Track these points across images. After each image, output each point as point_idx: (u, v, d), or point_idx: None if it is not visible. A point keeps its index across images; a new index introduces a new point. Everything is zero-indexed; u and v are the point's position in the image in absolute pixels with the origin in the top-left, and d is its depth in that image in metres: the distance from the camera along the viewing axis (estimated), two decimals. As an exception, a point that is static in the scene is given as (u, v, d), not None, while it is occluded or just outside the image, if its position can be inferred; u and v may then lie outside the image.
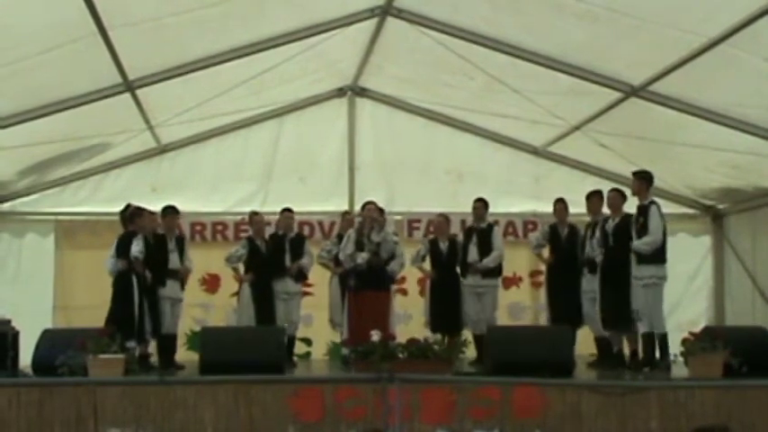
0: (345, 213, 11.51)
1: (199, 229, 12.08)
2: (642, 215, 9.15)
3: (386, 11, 9.36)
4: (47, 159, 10.82)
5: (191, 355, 10.29)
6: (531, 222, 12.31)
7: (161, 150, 12.08)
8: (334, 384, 7.33)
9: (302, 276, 10.76)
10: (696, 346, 7.82)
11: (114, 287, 9.15)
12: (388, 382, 7.05)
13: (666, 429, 7.09)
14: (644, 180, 9.32)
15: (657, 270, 9.03)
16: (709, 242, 12.63)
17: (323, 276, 11.22)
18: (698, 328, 8.36)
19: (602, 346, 9.97)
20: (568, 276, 10.30)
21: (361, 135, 12.40)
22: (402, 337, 8.22)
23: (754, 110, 8.80)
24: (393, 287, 10.33)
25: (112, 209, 10.35)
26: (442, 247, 10.81)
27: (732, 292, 12.22)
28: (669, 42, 8.03)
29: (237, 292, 10.59)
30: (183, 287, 10.20)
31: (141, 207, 9.61)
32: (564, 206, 10.63)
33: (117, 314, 8.92)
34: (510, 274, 11.96)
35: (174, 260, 9.98)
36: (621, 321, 9.31)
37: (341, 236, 10.62)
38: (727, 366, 7.70)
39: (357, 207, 11.29)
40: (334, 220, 11.85)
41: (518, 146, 12.46)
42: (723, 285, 12.41)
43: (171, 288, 9.86)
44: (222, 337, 8.46)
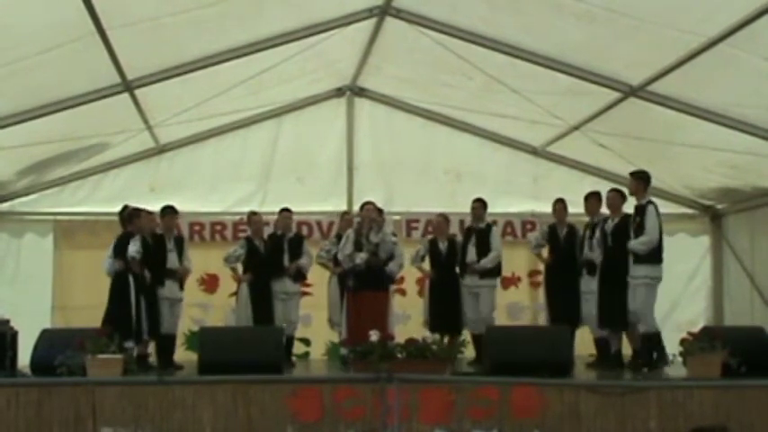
0: (344, 213, 11.51)
1: (197, 229, 12.06)
2: (639, 215, 9.15)
3: (384, 11, 9.35)
4: (45, 159, 10.81)
5: (189, 355, 10.29)
6: (530, 222, 12.31)
7: (159, 150, 12.07)
8: (332, 384, 7.33)
9: (301, 276, 10.76)
10: (695, 346, 7.83)
11: (111, 287, 9.15)
12: (386, 382, 7.05)
13: (665, 429, 7.09)
14: (641, 180, 9.31)
15: (652, 270, 9.01)
16: (708, 242, 12.63)
17: (322, 276, 11.22)
18: (696, 328, 8.35)
19: (600, 347, 9.97)
20: (567, 276, 10.31)
21: (359, 135, 12.39)
22: (401, 338, 8.21)
23: (752, 110, 8.80)
24: (392, 287, 10.33)
25: (111, 209, 10.36)
26: (442, 247, 10.81)
27: (731, 292, 12.22)
28: (668, 42, 8.02)
29: (236, 292, 10.60)
30: (182, 287, 10.22)
31: (139, 208, 9.62)
32: (563, 206, 10.64)
33: (114, 314, 8.92)
34: (509, 274, 11.96)
35: (173, 260, 10.00)
36: (617, 321, 9.32)
37: (340, 236, 10.63)
38: (726, 366, 7.70)
39: (356, 207, 11.28)
40: (333, 220, 11.85)
41: (517, 146, 12.45)
42: (722, 285, 12.41)
43: (169, 288, 9.88)
44: (221, 338, 8.46)
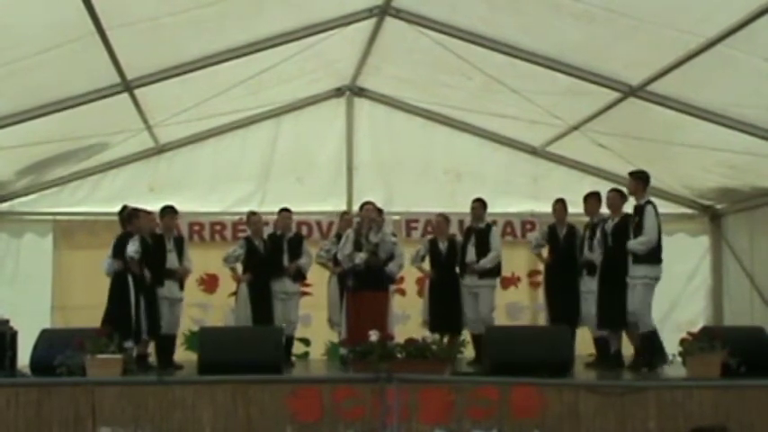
0: (344, 213, 11.51)
1: (197, 229, 12.05)
2: (638, 215, 9.14)
3: (384, 11, 9.35)
4: (45, 159, 10.81)
5: (189, 355, 10.29)
6: (530, 222, 12.31)
7: (159, 150, 12.06)
8: (332, 384, 7.32)
9: (300, 276, 10.76)
10: (694, 346, 7.83)
11: (111, 287, 9.13)
12: (386, 382, 7.04)
13: (664, 429, 7.09)
14: (640, 180, 9.30)
15: (650, 270, 9.00)
16: (707, 242, 12.63)
17: (321, 276, 11.23)
18: (696, 328, 8.36)
19: (600, 347, 9.97)
20: (567, 276, 10.31)
21: (359, 135, 12.38)
22: (400, 338, 8.21)
23: (751, 110, 8.80)
24: (391, 287, 10.33)
25: (110, 209, 10.34)
26: (442, 247, 10.82)
27: (730, 291, 12.22)
28: (667, 42, 8.03)
29: (235, 292, 10.60)
30: (182, 287, 10.22)
31: (137, 208, 9.60)
32: (563, 206, 10.64)
33: (113, 314, 8.90)
34: (508, 274, 11.95)
35: (172, 260, 10.00)
36: (616, 321, 9.31)
37: (339, 236, 10.63)
38: (726, 366, 7.70)
39: (355, 207, 11.27)
40: (332, 220, 11.84)
41: (516, 146, 12.45)
42: (721, 285, 12.42)
43: (169, 288, 9.88)
44: (220, 337, 8.47)
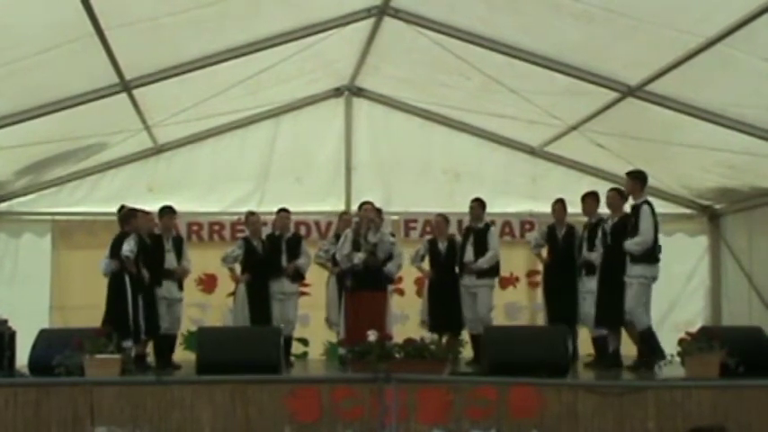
0: (343, 213, 11.51)
1: (195, 229, 12.05)
2: (634, 215, 9.15)
3: (383, 11, 9.35)
4: (44, 159, 10.81)
5: (188, 355, 10.28)
6: (528, 222, 12.31)
7: (158, 150, 12.05)
8: (330, 384, 7.32)
9: (299, 277, 10.76)
10: (693, 346, 7.83)
11: (108, 287, 9.14)
12: (384, 383, 7.03)
13: (663, 429, 7.09)
14: (637, 180, 9.30)
15: (647, 270, 9.00)
16: (706, 242, 12.63)
17: (320, 276, 11.22)
18: (694, 329, 8.36)
19: (599, 346, 9.97)
20: (565, 277, 10.33)
21: (357, 135, 12.38)
22: (399, 338, 8.20)
23: (750, 110, 8.80)
24: (390, 287, 10.32)
25: (109, 209, 10.35)
26: (441, 247, 10.82)
27: (729, 292, 12.22)
28: (666, 42, 8.02)
29: (234, 293, 10.60)
30: (181, 287, 10.23)
31: (135, 208, 9.61)
32: (562, 207, 10.66)
33: (111, 314, 8.92)
34: (507, 275, 11.92)
35: (171, 260, 10.00)
36: (613, 319, 9.31)
37: (338, 236, 10.62)
38: (724, 366, 7.71)
39: (354, 207, 11.27)
40: (331, 221, 11.83)
41: (515, 146, 12.44)
42: (720, 285, 12.42)
43: (167, 288, 9.90)
44: (219, 337, 8.47)
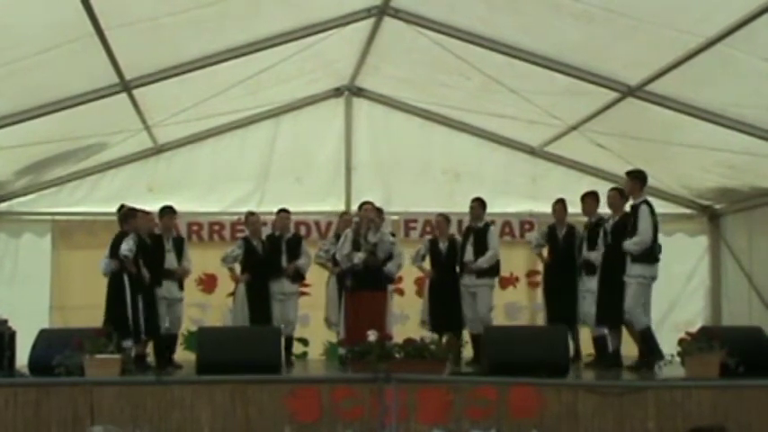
0: (343, 213, 11.51)
1: (195, 229, 12.05)
2: (633, 215, 9.15)
3: (383, 11, 9.35)
4: (44, 159, 10.81)
5: (187, 355, 10.28)
6: (528, 222, 12.31)
7: (158, 150, 12.06)
8: (330, 384, 7.32)
9: (299, 277, 10.76)
10: (693, 346, 7.83)
11: (108, 287, 9.13)
12: (384, 383, 7.04)
13: (663, 429, 7.09)
14: (637, 179, 9.28)
15: (645, 270, 8.99)
16: (706, 242, 12.62)
17: (320, 276, 11.22)
18: (694, 329, 8.36)
19: (599, 346, 9.97)
20: (566, 277, 10.32)
21: (357, 135, 12.38)
22: (399, 338, 8.20)
23: (750, 110, 8.80)
24: (390, 287, 10.32)
25: (109, 209, 10.34)
26: (442, 246, 10.82)
27: (729, 292, 12.22)
28: (666, 42, 8.02)
29: (233, 293, 10.60)
30: (182, 287, 10.23)
31: (134, 208, 9.61)
32: (563, 207, 10.65)
33: (111, 314, 8.92)
34: (507, 275, 11.92)
35: (171, 260, 10.00)
36: (613, 318, 9.31)
37: (338, 236, 10.61)
38: (724, 366, 7.71)
39: (354, 207, 11.27)
40: (331, 221, 11.82)
41: (515, 146, 12.44)
42: (720, 285, 12.42)
43: (167, 288, 9.89)
44: (219, 337, 8.46)
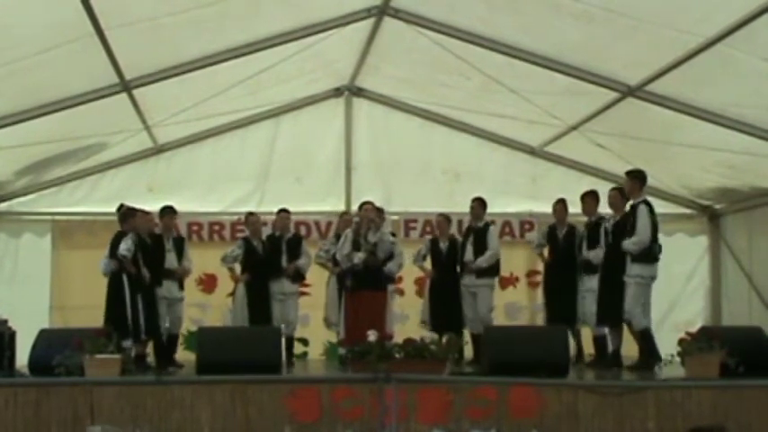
0: (343, 213, 11.51)
1: (195, 229, 12.06)
2: (632, 214, 9.14)
3: (383, 11, 9.35)
4: (44, 159, 10.82)
5: (187, 355, 10.27)
6: (528, 222, 12.32)
7: (158, 150, 12.06)
8: (330, 384, 7.32)
9: (299, 277, 10.76)
10: (693, 346, 7.82)
11: (108, 287, 9.14)
12: (384, 382, 7.04)
13: (663, 429, 7.09)
14: (636, 179, 9.28)
15: (644, 269, 8.99)
16: (706, 242, 12.62)
17: (320, 276, 11.22)
18: (694, 329, 8.35)
19: (599, 346, 9.97)
20: (566, 276, 10.32)
21: (357, 135, 12.38)
22: (399, 337, 8.21)
23: (750, 110, 8.80)
24: (390, 287, 10.32)
25: (109, 209, 10.32)
26: (443, 246, 10.83)
27: (729, 292, 12.22)
28: (666, 42, 8.03)
29: (233, 293, 10.60)
30: (182, 287, 10.23)
31: (133, 207, 9.61)
32: (563, 207, 10.65)
33: (111, 314, 8.92)
34: (507, 275, 11.93)
35: (171, 260, 10.01)
36: (613, 318, 9.31)
37: (339, 236, 10.61)
38: (724, 366, 7.70)
39: (354, 207, 11.27)
40: (331, 221, 11.83)
41: (515, 146, 12.44)
42: (720, 285, 12.42)
43: (167, 288, 9.90)
44: (219, 337, 8.45)
